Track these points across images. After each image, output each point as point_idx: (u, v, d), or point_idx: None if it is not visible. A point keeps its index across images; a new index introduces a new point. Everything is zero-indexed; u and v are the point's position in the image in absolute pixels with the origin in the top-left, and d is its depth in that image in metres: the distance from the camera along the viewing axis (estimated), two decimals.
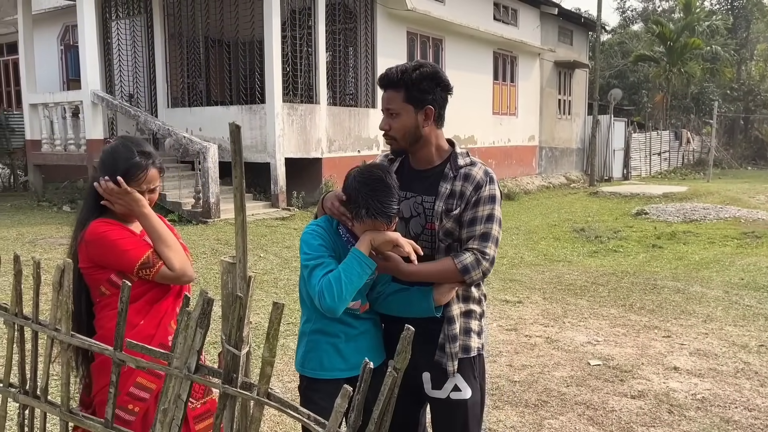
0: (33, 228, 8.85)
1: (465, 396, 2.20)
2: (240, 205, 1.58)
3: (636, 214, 13.17)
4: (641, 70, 33.44)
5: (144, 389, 2.16)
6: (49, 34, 15.42)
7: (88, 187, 2.28)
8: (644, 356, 4.84)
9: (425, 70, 2.13)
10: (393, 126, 2.16)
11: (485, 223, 2.11)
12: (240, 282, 1.63)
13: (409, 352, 1.25)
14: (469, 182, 2.12)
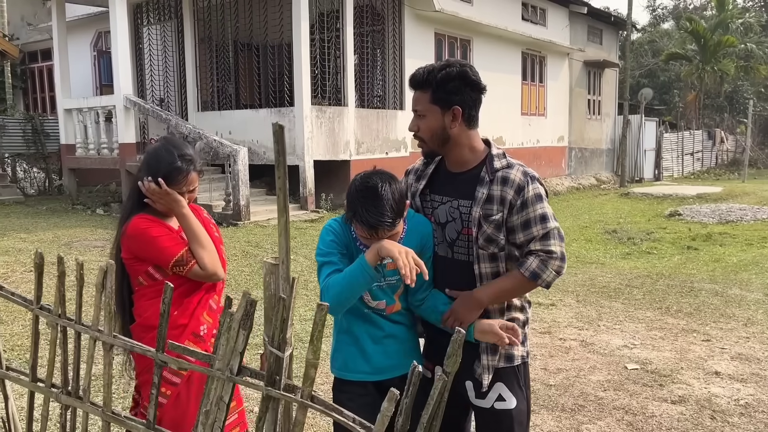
0: (68, 230, 9.01)
1: (509, 406, 2.15)
2: (283, 205, 1.56)
3: (669, 215, 12.92)
4: (672, 69, 32.86)
5: (176, 374, 2.25)
6: (83, 41, 15.72)
7: (132, 184, 2.37)
8: (683, 360, 4.72)
9: (452, 70, 2.07)
10: (421, 127, 2.13)
11: (541, 223, 2.05)
12: (283, 283, 1.62)
13: (460, 355, 1.22)
14: (508, 186, 2.06)
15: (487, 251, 2.08)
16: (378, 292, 2.14)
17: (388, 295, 2.15)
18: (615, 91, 22.66)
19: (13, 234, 8.65)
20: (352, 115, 11.75)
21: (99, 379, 2.95)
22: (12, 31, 17.66)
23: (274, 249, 8.15)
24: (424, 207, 2.23)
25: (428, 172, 2.25)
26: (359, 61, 12.43)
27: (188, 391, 2.19)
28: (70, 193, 12.58)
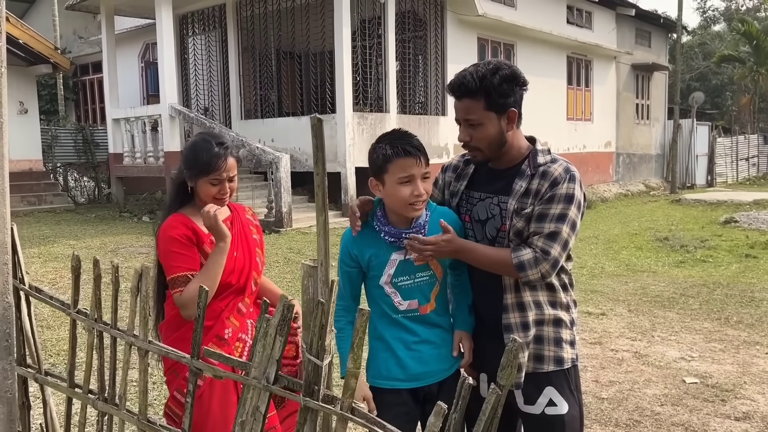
0: (115, 237, 9.16)
1: (561, 411, 2.03)
2: (322, 204, 1.47)
3: (724, 222, 12.40)
4: (725, 71, 31.81)
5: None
6: (131, 52, 16.11)
7: (174, 181, 2.35)
8: (746, 374, 4.44)
9: (504, 72, 1.96)
10: (475, 137, 2.01)
11: (555, 222, 1.94)
12: (321, 287, 1.52)
13: (515, 366, 1.09)
14: (546, 179, 1.96)
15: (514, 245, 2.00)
16: (408, 291, 2.05)
17: (421, 293, 2.06)
18: (664, 95, 22.02)
19: (63, 241, 8.84)
20: (393, 122, 11.67)
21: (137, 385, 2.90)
22: (65, 44, 18.24)
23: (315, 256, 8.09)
24: (460, 205, 2.14)
25: (469, 171, 2.17)
26: (401, 68, 12.35)
27: (210, 393, 2.13)
28: (117, 201, 12.85)
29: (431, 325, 2.09)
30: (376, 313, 2.11)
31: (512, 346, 1.07)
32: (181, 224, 2.21)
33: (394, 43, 11.58)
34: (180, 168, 2.31)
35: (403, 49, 12.31)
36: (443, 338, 2.11)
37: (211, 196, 2.25)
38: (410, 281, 2.05)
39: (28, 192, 13.18)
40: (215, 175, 2.22)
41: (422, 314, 2.07)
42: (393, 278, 2.05)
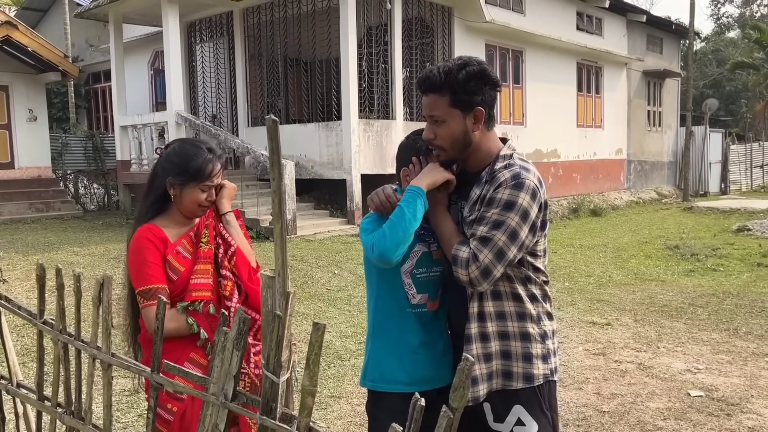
0: (119, 245, 9.14)
1: (530, 431, 1.93)
2: (278, 211, 1.39)
3: (737, 230, 12.18)
4: (739, 78, 31.47)
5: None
6: (141, 60, 16.19)
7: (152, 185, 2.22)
8: (754, 387, 4.30)
9: (472, 69, 1.89)
10: (439, 134, 1.94)
11: (490, 227, 1.84)
12: (279, 299, 1.43)
13: (468, 387, 1.00)
14: (492, 183, 1.89)
15: None
16: (423, 285, 2.05)
17: (432, 288, 2.06)
18: (677, 102, 21.78)
19: (67, 248, 8.84)
20: (400, 128, 11.60)
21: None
22: (77, 53, 18.37)
23: (318, 263, 8.03)
24: None
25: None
26: (408, 74, 12.28)
27: (192, 411, 2.04)
28: (124, 208, 12.87)
29: (435, 327, 2.08)
30: (386, 309, 2.07)
31: (464, 365, 0.99)
32: (152, 234, 2.12)
33: (400, 50, 11.52)
34: (156, 174, 2.22)
35: (410, 55, 12.25)
36: (440, 343, 2.09)
37: (198, 203, 2.18)
38: (426, 274, 2.05)
39: (36, 199, 13.23)
40: (207, 182, 2.16)
41: (429, 310, 2.06)
42: (414, 268, 2.04)
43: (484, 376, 1.91)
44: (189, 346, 2.08)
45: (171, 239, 2.14)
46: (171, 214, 2.20)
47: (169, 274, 2.10)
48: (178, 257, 2.11)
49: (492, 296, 1.93)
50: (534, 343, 1.95)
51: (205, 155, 2.18)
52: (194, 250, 2.15)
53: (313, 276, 7.41)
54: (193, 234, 2.20)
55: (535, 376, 1.94)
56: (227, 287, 2.10)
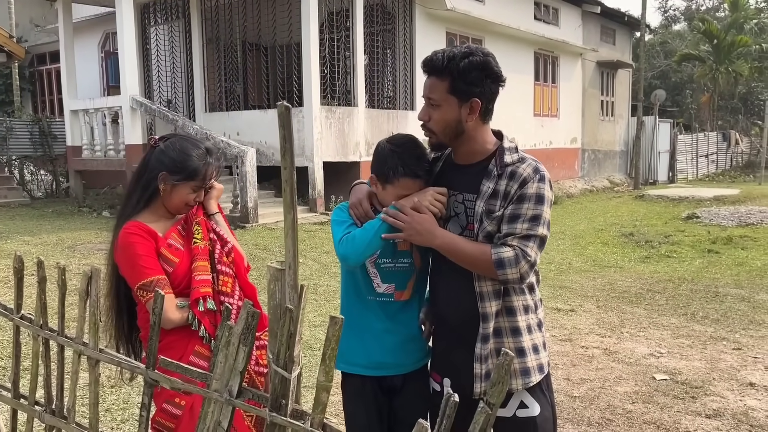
0: (73, 233, 8.84)
1: (533, 413, 1.96)
2: (290, 200, 1.34)
3: (686, 218, 12.59)
4: (685, 70, 32.45)
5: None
6: (90, 42, 15.60)
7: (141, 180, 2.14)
8: (715, 370, 4.46)
9: (475, 59, 1.87)
10: (433, 117, 1.93)
11: (530, 223, 1.86)
12: (290, 291, 1.39)
13: (507, 383, 0.98)
14: (514, 180, 1.88)
15: None
16: (388, 275, 2.07)
17: (399, 279, 2.07)
18: (628, 93, 22.33)
19: (17, 237, 8.49)
20: (362, 116, 11.53)
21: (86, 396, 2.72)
22: (21, 33, 17.58)
23: (282, 252, 7.92)
24: None
25: (435, 170, 2.09)
26: (369, 61, 12.20)
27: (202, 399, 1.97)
28: (76, 195, 12.43)
29: (402, 316, 2.09)
30: (351, 295, 2.12)
31: (504, 360, 0.97)
32: (139, 230, 2.04)
33: (362, 36, 11.42)
34: (148, 166, 2.14)
35: (371, 42, 12.16)
36: (412, 332, 2.11)
37: (187, 202, 2.13)
38: (392, 264, 2.06)
39: None
40: (200, 182, 2.12)
41: (396, 300, 2.07)
42: (378, 258, 2.05)
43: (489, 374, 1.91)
44: (194, 338, 2.02)
45: (159, 233, 2.06)
46: (155, 209, 2.13)
47: (164, 266, 2.04)
48: (171, 249, 2.06)
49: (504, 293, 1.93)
50: (537, 333, 1.98)
51: (205, 157, 2.15)
52: (186, 242, 2.09)
53: None
54: (181, 227, 2.14)
55: (545, 365, 1.98)
56: (227, 284, 2.05)
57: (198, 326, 2.00)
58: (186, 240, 2.10)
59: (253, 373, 2.01)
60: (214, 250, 2.09)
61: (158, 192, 2.10)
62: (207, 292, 2.00)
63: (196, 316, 1.99)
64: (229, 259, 2.11)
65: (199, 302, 1.99)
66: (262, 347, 2.06)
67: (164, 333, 2.02)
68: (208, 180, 2.15)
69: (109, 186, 12.44)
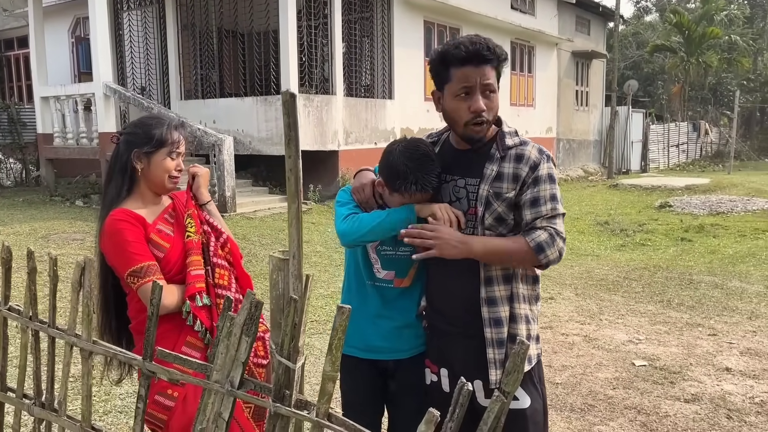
0: (46, 223, 8.66)
1: (523, 405, 1.97)
2: (295, 190, 1.32)
3: (659, 206, 12.82)
4: (656, 61, 32.89)
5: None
6: (60, 27, 15.22)
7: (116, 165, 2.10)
8: (692, 356, 4.56)
9: (499, 46, 1.94)
10: (489, 107, 1.91)
11: (552, 202, 1.91)
12: (294, 281, 1.38)
13: (522, 371, 0.99)
14: (523, 163, 1.91)
15: (495, 232, 1.93)
16: (389, 262, 2.08)
17: (400, 266, 2.08)
18: (602, 83, 22.55)
19: None
20: (340, 104, 11.46)
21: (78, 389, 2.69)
22: None
23: (261, 241, 7.88)
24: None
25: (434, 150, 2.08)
26: (347, 49, 12.12)
27: (195, 393, 1.95)
28: (47, 184, 12.15)
29: (400, 303, 2.11)
30: (351, 278, 2.16)
31: (519, 348, 0.97)
32: (127, 216, 2.00)
33: (340, 24, 11.33)
34: (119, 153, 2.10)
35: (349, 30, 12.08)
36: (408, 319, 2.12)
37: (168, 171, 2.09)
38: (392, 252, 2.08)
39: None
40: (172, 147, 2.08)
41: (395, 287, 2.09)
42: (379, 245, 2.07)
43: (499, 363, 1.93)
44: (185, 329, 2.00)
45: (147, 219, 2.03)
46: (140, 194, 2.09)
47: (155, 252, 2.01)
48: (161, 235, 2.03)
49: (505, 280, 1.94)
50: (534, 324, 2.00)
51: (167, 122, 2.14)
52: (176, 228, 2.06)
53: (257, 255, 7.27)
54: (168, 215, 2.11)
55: (532, 356, 1.99)
56: (224, 276, 2.03)
57: (193, 321, 1.97)
58: (176, 226, 2.07)
59: (251, 365, 1.99)
60: (208, 242, 2.06)
61: (137, 173, 2.07)
62: (202, 287, 1.98)
63: (191, 311, 1.96)
64: (224, 251, 2.08)
65: (195, 298, 1.97)
66: (258, 339, 2.05)
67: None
68: (178, 143, 2.12)
69: (82, 175, 12.19)
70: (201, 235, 2.07)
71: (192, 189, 2.18)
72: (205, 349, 1.97)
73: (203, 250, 2.05)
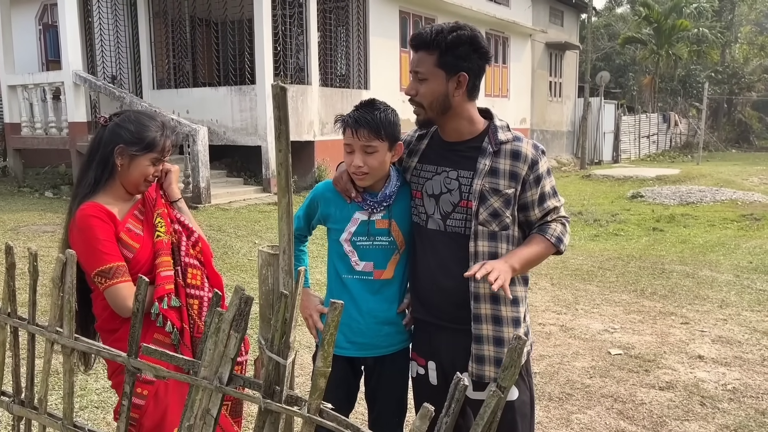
0: (14, 215, 8.47)
1: (511, 397, 1.99)
2: (285, 184, 1.31)
3: (631, 196, 13.03)
4: (628, 52, 33.33)
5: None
6: (27, 14, 14.82)
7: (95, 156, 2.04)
8: (665, 344, 4.65)
9: (464, 33, 1.91)
10: (420, 91, 1.95)
11: (555, 196, 2.03)
12: (284, 276, 1.36)
13: (519, 367, 1.00)
14: (521, 161, 1.93)
15: (488, 228, 1.94)
16: (366, 252, 2.06)
17: (378, 257, 2.07)
18: (575, 74, 22.78)
19: None
20: (315, 95, 11.39)
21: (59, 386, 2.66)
22: None
23: (237, 233, 7.82)
24: (411, 181, 2.09)
25: (421, 147, 2.10)
26: (322, 39, 12.04)
27: (166, 389, 1.94)
28: (15, 175, 11.88)
29: (381, 297, 2.09)
30: (332, 272, 2.15)
31: (516, 344, 0.98)
32: (98, 211, 1.96)
33: (315, 13, 11.25)
34: (101, 143, 2.05)
35: (324, 19, 11.99)
36: (389, 314, 2.11)
37: (146, 176, 2.05)
38: (368, 242, 2.07)
39: None
40: (159, 154, 2.05)
41: (376, 278, 2.07)
42: (353, 236, 2.07)
43: (492, 359, 1.94)
44: (152, 327, 1.97)
45: (118, 216, 1.99)
46: (112, 189, 2.04)
47: (124, 252, 1.97)
48: (130, 234, 1.99)
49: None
50: (524, 321, 2.02)
51: (162, 128, 2.09)
52: (145, 227, 2.03)
53: (233, 246, 7.21)
54: (138, 211, 2.07)
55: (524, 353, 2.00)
56: (196, 276, 2.00)
57: (163, 322, 1.95)
58: (145, 225, 2.03)
59: None
60: (179, 242, 2.04)
61: (116, 169, 2.02)
62: (171, 289, 1.96)
63: (160, 312, 1.94)
64: (196, 250, 2.06)
65: (164, 300, 1.94)
66: None
67: (121, 321, 1.97)
68: (166, 153, 2.08)
69: (51, 165, 11.95)
70: (171, 234, 2.04)
71: (162, 186, 2.15)
72: (173, 347, 1.94)
73: (173, 251, 2.02)
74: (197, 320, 2.03)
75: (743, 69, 35.50)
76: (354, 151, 1.98)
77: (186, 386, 1.94)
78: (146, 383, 1.90)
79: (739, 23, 38.89)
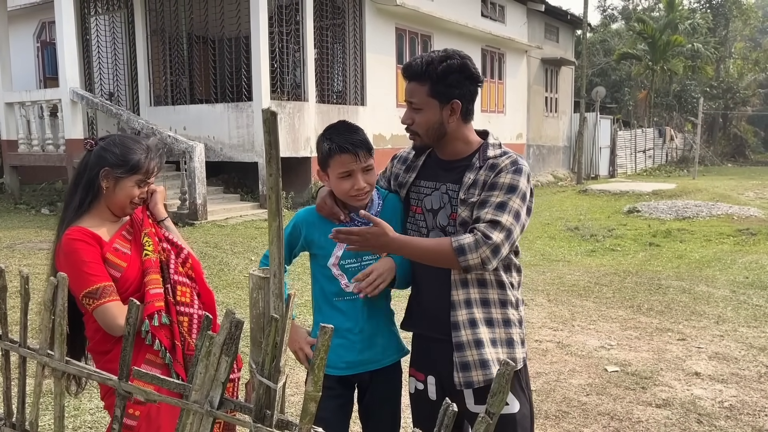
0: (10, 232, 8.46)
1: (513, 410, 2.00)
2: (276, 208, 1.31)
3: (628, 211, 13.06)
4: (623, 68, 33.58)
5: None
6: (25, 32, 14.93)
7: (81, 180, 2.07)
8: (662, 361, 4.64)
9: (453, 62, 1.94)
10: (416, 120, 2.00)
11: (496, 209, 1.87)
12: (275, 300, 1.36)
13: (507, 392, 1.00)
14: (492, 170, 1.95)
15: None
16: (355, 273, 2.07)
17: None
18: (571, 89, 22.92)
19: None
20: (312, 111, 11.44)
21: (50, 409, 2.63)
22: None
23: (234, 249, 7.81)
24: (410, 197, 2.13)
25: (418, 164, 2.14)
26: (319, 56, 12.11)
27: (159, 410, 1.94)
28: (12, 191, 11.88)
29: (370, 314, 2.11)
30: (318, 296, 2.16)
31: (504, 370, 0.98)
32: (83, 235, 1.98)
33: (312, 30, 11.32)
34: (87, 166, 2.08)
35: (321, 36, 12.07)
36: (380, 329, 2.13)
37: (132, 198, 2.07)
38: (357, 264, 2.09)
39: None
40: (144, 176, 2.07)
41: (362, 298, 2.07)
42: (341, 260, 2.09)
43: (477, 363, 1.94)
44: (144, 346, 1.97)
45: (104, 238, 2.01)
46: (99, 212, 2.07)
47: (111, 271, 1.99)
48: (117, 254, 2.01)
49: (478, 284, 1.97)
50: (514, 328, 2.02)
51: (147, 150, 2.11)
52: (133, 246, 2.05)
53: (229, 263, 7.20)
54: (126, 232, 2.08)
55: (518, 360, 2.00)
56: (185, 294, 2.01)
57: (152, 341, 1.95)
58: (133, 244, 2.05)
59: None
60: (168, 260, 2.05)
61: (101, 192, 2.04)
62: (161, 306, 1.96)
63: (150, 330, 1.94)
64: (185, 268, 2.07)
65: (154, 317, 1.95)
66: None
67: (114, 343, 1.98)
68: (152, 174, 2.11)
69: (48, 182, 11.95)
70: (159, 253, 2.05)
71: (149, 206, 2.17)
72: (165, 366, 1.96)
73: (162, 269, 2.03)
74: (188, 337, 2.04)
75: (738, 84, 35.77)
76: (352, 175, 2.01)
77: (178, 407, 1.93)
78: (138, 404, 1.90)
79: (734, 39, 39.25)
